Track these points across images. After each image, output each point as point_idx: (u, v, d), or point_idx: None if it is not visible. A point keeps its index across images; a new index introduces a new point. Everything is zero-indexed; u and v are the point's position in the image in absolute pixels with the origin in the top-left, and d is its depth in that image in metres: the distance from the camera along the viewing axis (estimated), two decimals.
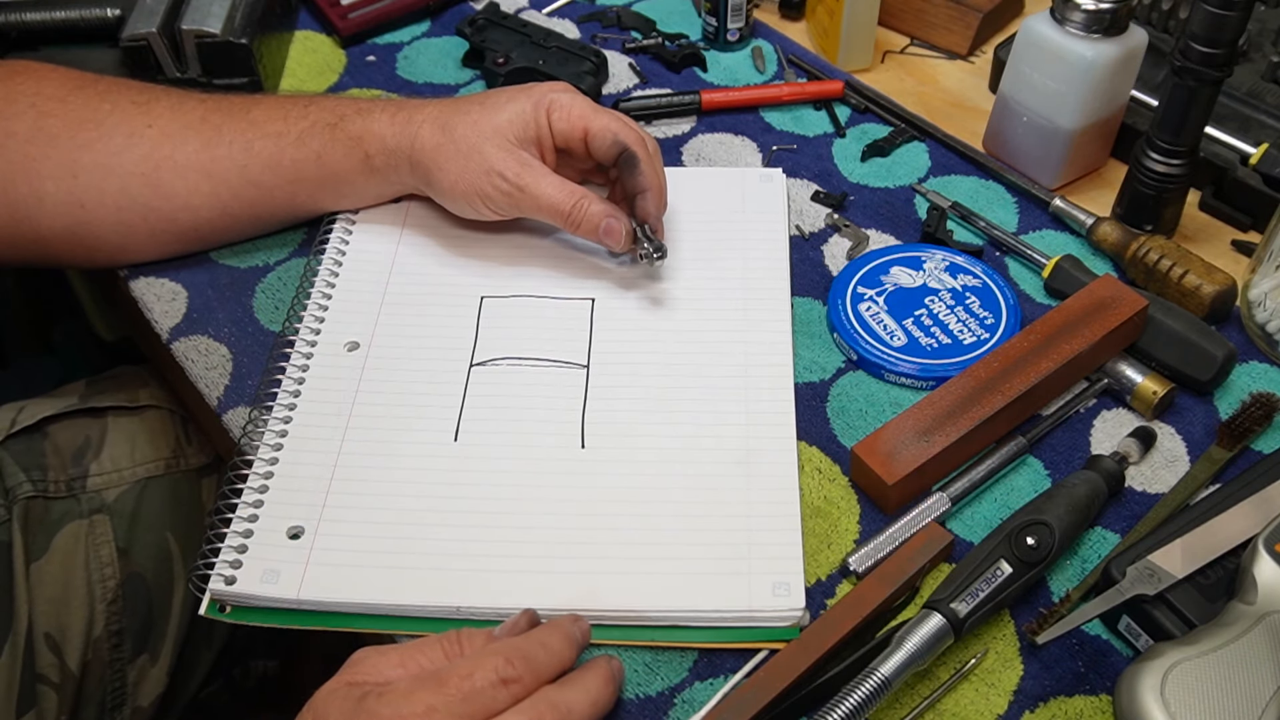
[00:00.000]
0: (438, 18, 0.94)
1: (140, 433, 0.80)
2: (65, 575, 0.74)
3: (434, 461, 0.62)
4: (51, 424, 0.78)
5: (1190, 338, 0.65)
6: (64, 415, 0.79)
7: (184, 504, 0.80)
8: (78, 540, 0.75)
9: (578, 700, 0.49)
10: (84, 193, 0.68)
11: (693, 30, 0.92)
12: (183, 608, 0.80)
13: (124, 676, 0.77)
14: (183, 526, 0.80)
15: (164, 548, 0.79)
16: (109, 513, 0.77)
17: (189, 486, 0.81)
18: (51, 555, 0.74)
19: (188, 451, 0.82)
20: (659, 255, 0.68)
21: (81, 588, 0.75)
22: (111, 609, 0.76)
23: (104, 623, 0.75)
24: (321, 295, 0.70)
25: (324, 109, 0.70)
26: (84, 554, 0.75)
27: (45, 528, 0.74)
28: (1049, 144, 0.76)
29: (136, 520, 0.78)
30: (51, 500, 0.75)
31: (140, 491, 0.78)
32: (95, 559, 0.75)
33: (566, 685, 0.49)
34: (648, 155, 0.68)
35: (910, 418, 0.62)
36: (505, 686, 0.47)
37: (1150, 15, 0.84)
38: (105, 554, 0.76)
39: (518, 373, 0.67)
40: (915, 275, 0.72)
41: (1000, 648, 0.56)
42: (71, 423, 0.79)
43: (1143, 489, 0.62)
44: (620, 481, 0.61)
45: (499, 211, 0.69)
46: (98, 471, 0.77)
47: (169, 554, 0.79)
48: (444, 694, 0.46)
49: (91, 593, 0.75)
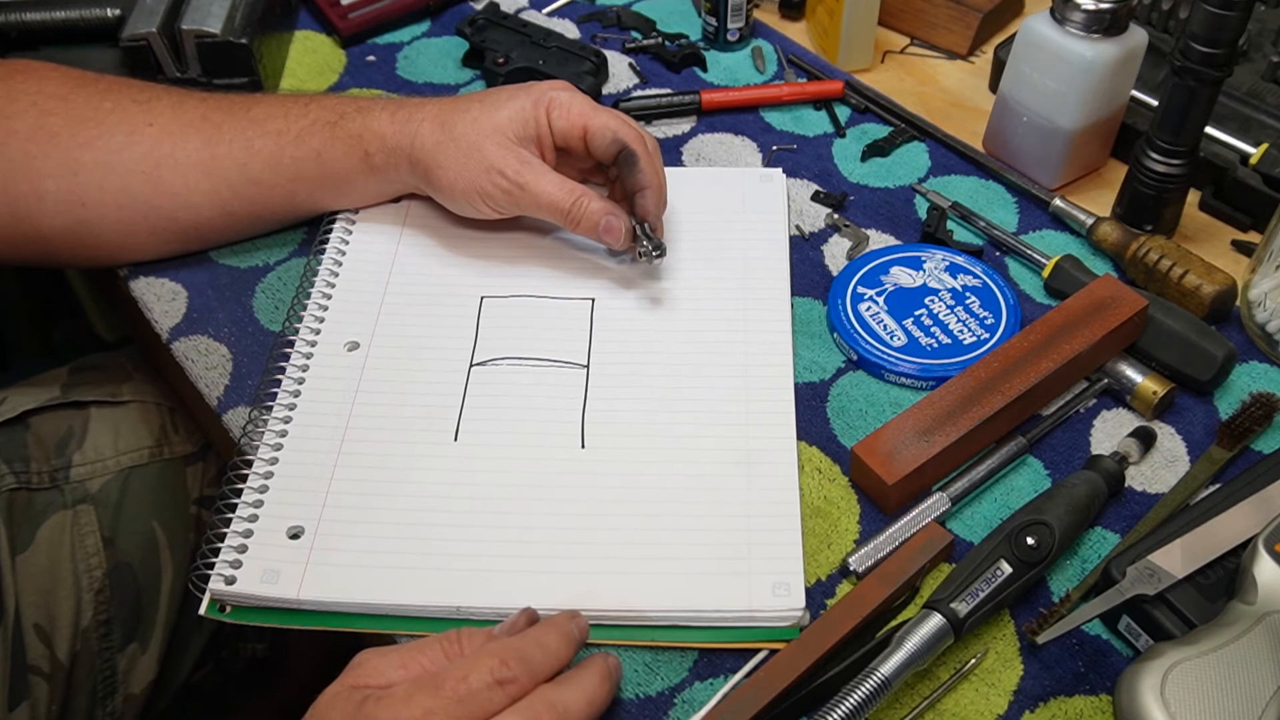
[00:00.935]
0: (438, 18, 0.94)
1: (124, 422, 0.80)
2: (51, 566, 0.74)
3: (434, 461, 0.62)
4: (32, 416, 0.78)
5: (1190, 338, 0.65)
6: (45, 409, 0.78)
7: (170, 492, 0.80)
8: (63, 531, 0.75)
9: (574, 699, 0.49)
10: (85, 191, 0.68)
11: (693, 30, 0.92)
12: (171, 595, 0.80)
13: (114, 665, 0.77)
14: (169, 515, 0.80)
15: (150, 536, 0.79)
16: (93, 503, 0.77)
17: (174, 475, 0.81)
18: (37, 547, 0.74)
19: (173, 440, 0.82)
20: (658, 253, 0.68)
21: (68, 578, 0.75)
22: (99, 598, 0.76)
23: (92, 612, 0.75)
24: (321, 295, 0.70)
25: (324, 107, 0.70)
26: (69, 545, 0.75)
27: (29, 519, 0.74)
28: (1049, 144, 0.76)
29: (122, 510, 0.78)
30: (35, 491, 0.75)
31: (124, 481, 0.78)
32: (81, 549, 0.75)
33: (563, 684, 0.49)
34: (647, 153, 0.68)
35: (910, 418, 0.62)
36: (501, 687, 0.47)
37: (1150, 15, 0.84)
38: (91, 544, 0.76)
39: (518, 372, 0.67)
40: (915, 275, 0.72)
41: (1000, 648, 0.56)
42: (53, 415, 0.79)
43: (1143, 489, 0.62)
44: (620, 481, 0.61)
45: (499, 210, 0.69)
46: (81, 461, 0.77)
47: (156, 543, 0.79)
48: (440, 696, 0.47)
49: (78, 583, 0.75)
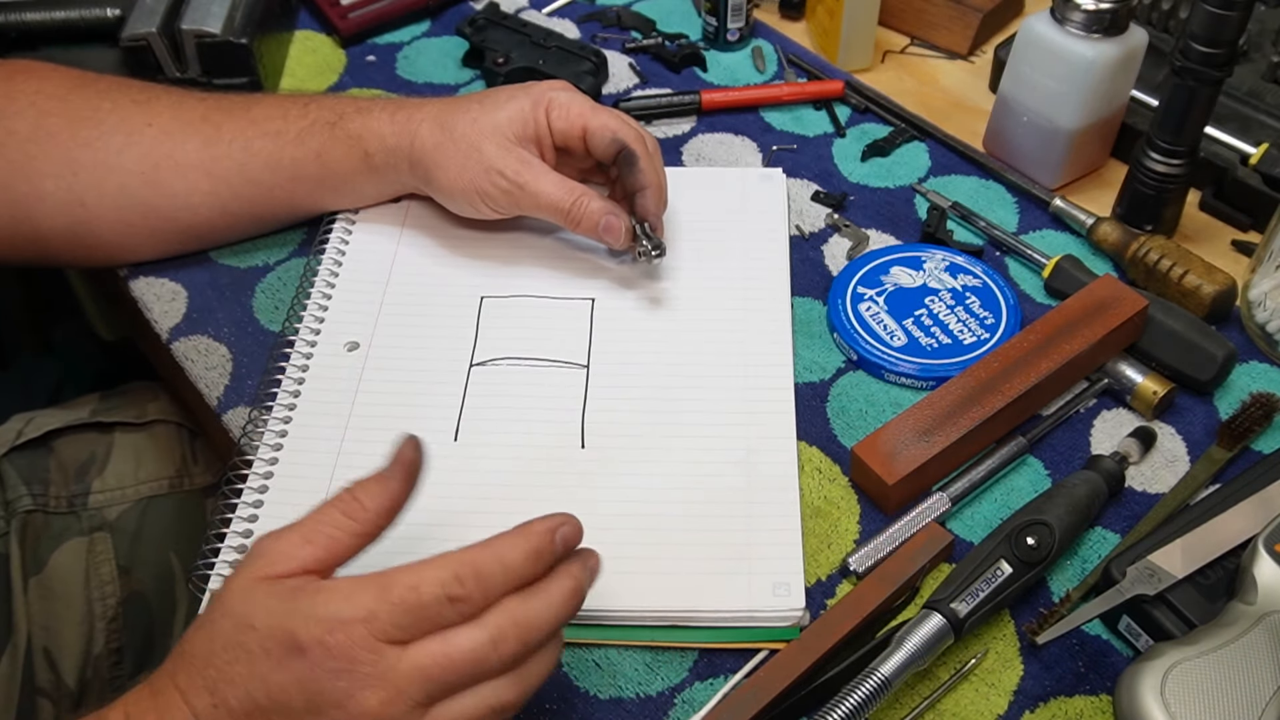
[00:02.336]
0: (438, 18, 0.94)
1: (146, 450, 0.80)
2: (64, 591, 0.73)
3: (434, 462, 0.62)
4: (57, 438, 0.77)
5: (1190, 338, 0.65)
6: (70, 429, 0.78)
7: (188, 524, 0.79)
8: (77, 557, 0.74)
9: (542, 616, 0.45)
10: (84, 191, 0.68)
11: (693, 30, 0.92)
12: (185, 626, 0.79)
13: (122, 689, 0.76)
14: (186, 546, 0.79)
15: (166, 567, 0.78)
16: (110, 530, 0.76)
17: (193, 507, 0.80)
18: (50, 571, 0.73)
19: (193, 471, 0.81)
20: (658, 253, 0.68)
21: (81, 604, 0.74)
22: (111, 626, 0.75)
23: (104, 640, 0.75)
24: (321, 295, 0.70)
25: (324, 107, 0.70)
26: (84, 571, 0.74)
27: (44, 543, 0.74)
28: (1049, 144, 0.76)
29: (139, 539, 0.77)
30: (51, 515, 0.74)
31: (143, 510, 0.77)
32: (96, 576, 0.75)
33: (532, 596, 0.46)
34: (647, 153, 0.68)
35: (910, 418, 0.62)
36: (452, 604, 0.44)
37: (1150, 15, 0.84)
38: (106, 572, 0.75)
39: (518, 373, 0.67)
40: (915, 275, 0.71)
41: (1000, 648, 0.56)
42: (78, 437, 0.78)
43: (1143, 489, 0.62)
44: (620, 481, 0.61)
45: (498, 210, 0.69)
46: (100, 489, 0.77)
47: (172, 574, 0.78)
48: (386, 600, 0.43)
49: (91, 610, 0.74)
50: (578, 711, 0.54)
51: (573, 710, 0.54)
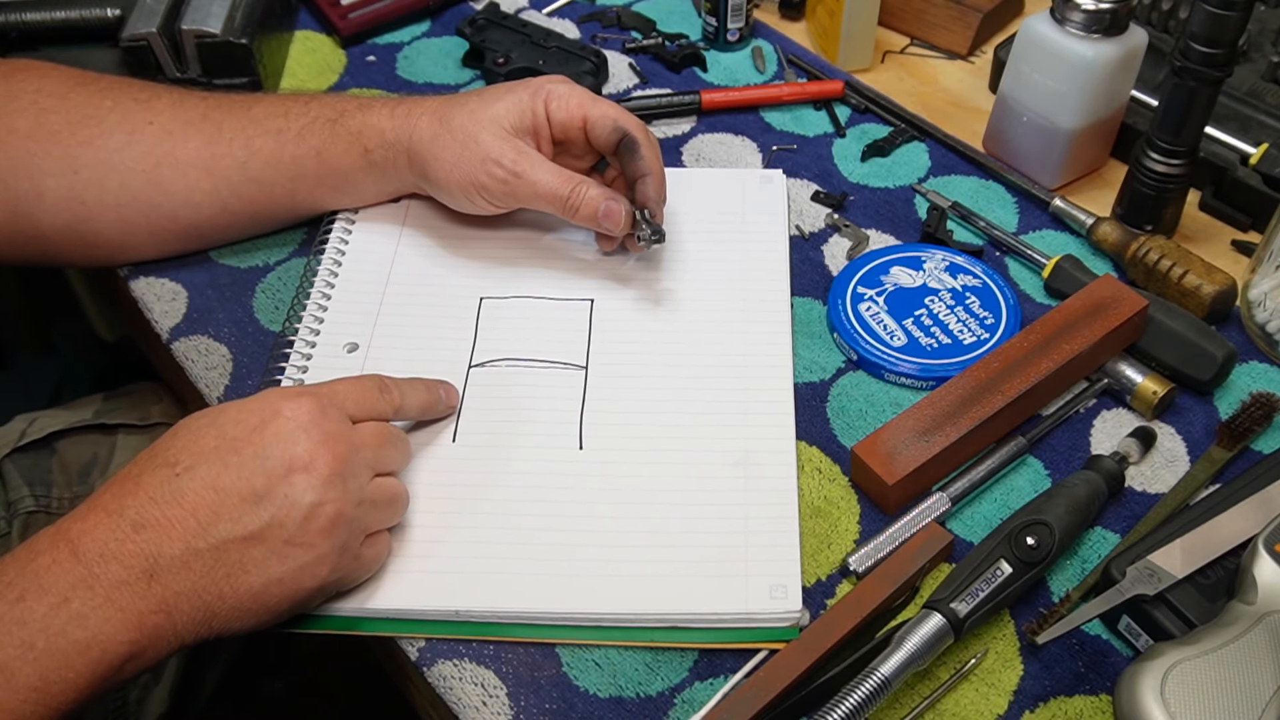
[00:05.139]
0: (438, 18, 0.94)
1: None
2: None
3: (433, 463, 0.62)
4: (60, 439, 0.77)
5: (1190, 338, 0.65)
6: (73, 430, 0.78)
7: None
8: None
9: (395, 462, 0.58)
10: (85, 189, 0.68)
11: (693, 30, 0.92)
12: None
13: (125, 695, 0.76)
14: None
15: None
16: None
17: None
18: None
19: None
20: (657, 238, 0.68)
21: None
22: None
23: None
24: (321, 295, 0.70)
25: (325, 105, 0.70)
26: None
27: None
28: (1049, 144, 0.76)
29: None
30: (54, 516, 0.74)
31: None
32: None
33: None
34: (648, 141, 0.68)
35: (910, 418, 0.62)
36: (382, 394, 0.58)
37: (1150, 15, 0.84)
38: None
39: (516, 373, 0.67)
40: (915, 275, 0.71)
41: (1000, 648, 0.56)
42: (81, 439, 0.78)
43: (1143, 489, 0.62)
44: (618, 482, 0.61)
45: (496, 202, 0.69)
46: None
47: None
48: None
49: None
50: (578, 711, 0.54)
51: (573, 710, 0.54)
